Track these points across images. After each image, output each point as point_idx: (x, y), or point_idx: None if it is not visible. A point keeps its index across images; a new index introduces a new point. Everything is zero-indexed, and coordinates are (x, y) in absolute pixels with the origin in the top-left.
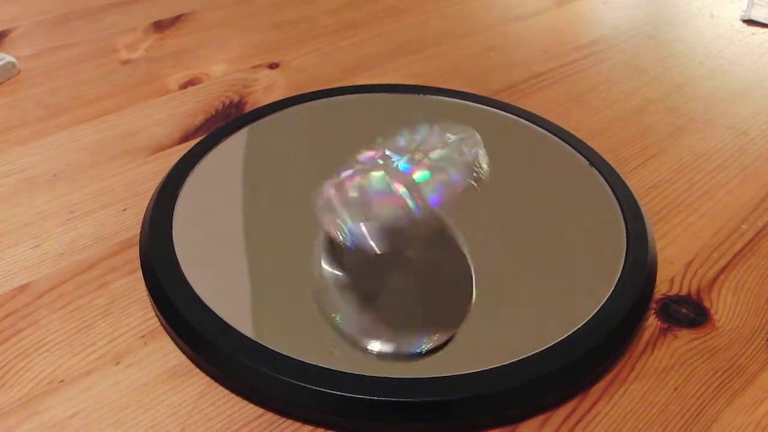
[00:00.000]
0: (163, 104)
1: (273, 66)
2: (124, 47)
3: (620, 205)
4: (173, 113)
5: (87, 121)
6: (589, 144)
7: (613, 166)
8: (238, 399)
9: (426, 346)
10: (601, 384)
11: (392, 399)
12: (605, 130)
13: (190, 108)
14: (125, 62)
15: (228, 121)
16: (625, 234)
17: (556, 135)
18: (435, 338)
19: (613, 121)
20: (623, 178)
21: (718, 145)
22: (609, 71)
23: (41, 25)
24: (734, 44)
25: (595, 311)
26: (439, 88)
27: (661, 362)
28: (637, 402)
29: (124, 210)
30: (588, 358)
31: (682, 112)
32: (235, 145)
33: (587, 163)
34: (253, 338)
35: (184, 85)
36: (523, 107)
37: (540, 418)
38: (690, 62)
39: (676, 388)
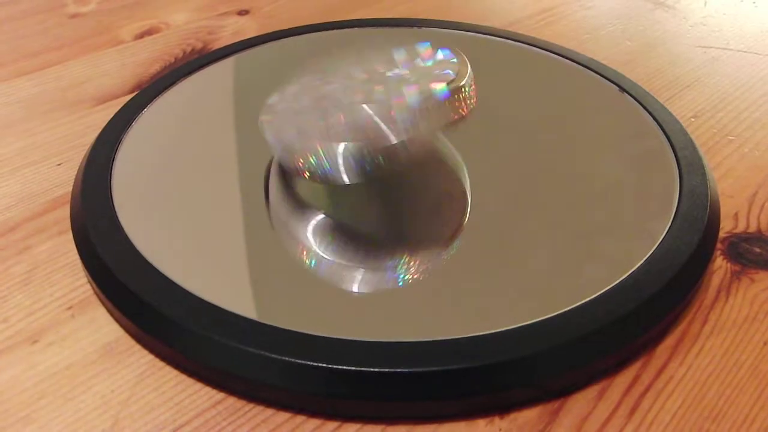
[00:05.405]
0: (115, 54)
1: (242, 12)
2: (73, 1)
3: (664, 132)
4: (126, 63)
5: (24, 74)
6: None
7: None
8: (190, 381)
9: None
10: (669, 341)
11: (394, 370)
12: (629, 62)
13: (146, 57)
14: (73, 16)
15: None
16: (675, 163)
17: (577, 62)
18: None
19: (636, 52)
20: (662, 103)
21: (761, 74)
22: (623, 6)
23: None
24: None
25: (651, 252)
26: (440, 21)
27: (740, 312)
28: (718, 362)
29: (58, 165)
30: (647, 308)
31: (712, 43)
32: (189, 88)
33: (617, 89)
34: (209, 301)
35: (140, 35)
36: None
37: (594, 389)
38: None
39: (765, 343)
